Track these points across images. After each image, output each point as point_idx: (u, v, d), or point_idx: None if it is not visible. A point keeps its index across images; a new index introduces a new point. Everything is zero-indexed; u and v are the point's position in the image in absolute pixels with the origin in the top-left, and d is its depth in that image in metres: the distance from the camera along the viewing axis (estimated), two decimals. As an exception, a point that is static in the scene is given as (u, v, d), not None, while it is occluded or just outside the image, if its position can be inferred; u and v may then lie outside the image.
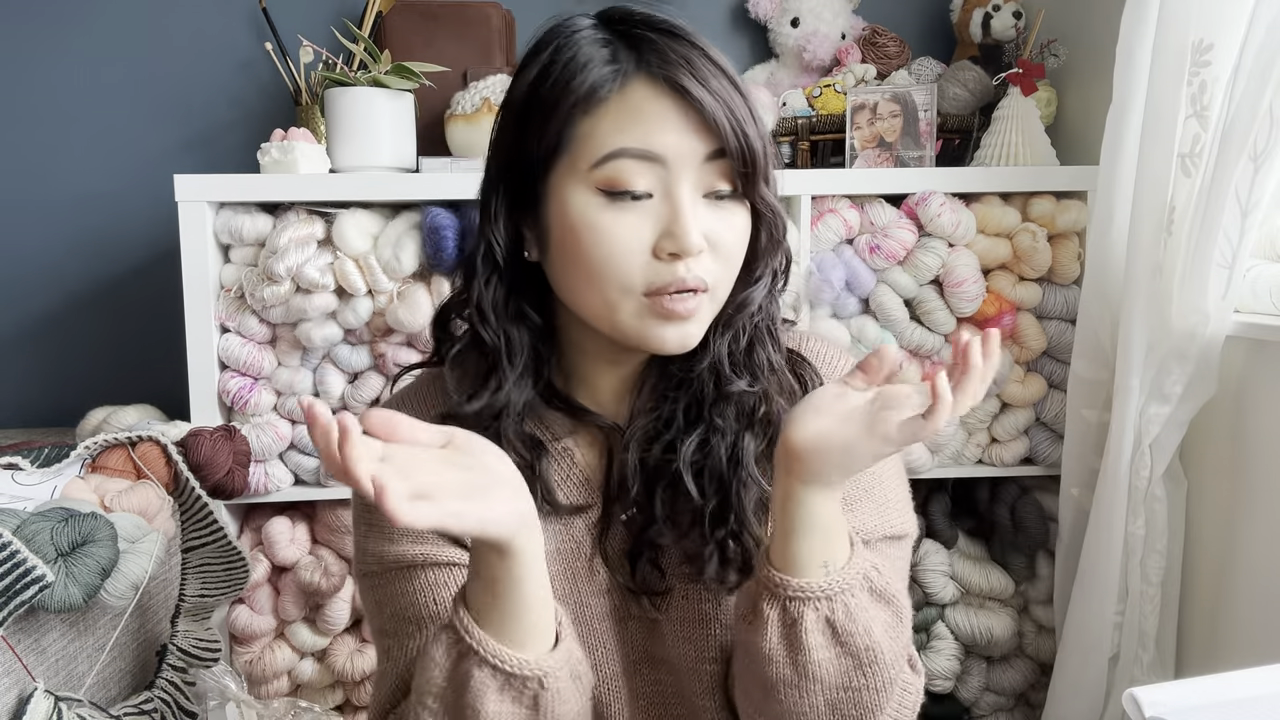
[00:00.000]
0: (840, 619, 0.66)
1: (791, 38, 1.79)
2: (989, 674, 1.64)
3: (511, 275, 0.74)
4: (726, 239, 0.70)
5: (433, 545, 0.75)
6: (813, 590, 0.65)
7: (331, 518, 1.54)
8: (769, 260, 0.75)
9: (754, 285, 0.75)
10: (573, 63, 0.68)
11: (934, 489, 1.68)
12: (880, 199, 1.52)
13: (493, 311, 0.74)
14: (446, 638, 0.64)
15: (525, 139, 0.70)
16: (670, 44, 0.68)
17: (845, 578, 0.66)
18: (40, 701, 0.99)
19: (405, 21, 1.68)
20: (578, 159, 0.68)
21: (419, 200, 1.45)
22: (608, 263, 0.67)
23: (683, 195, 0.67)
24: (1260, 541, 1.22)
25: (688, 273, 0.68)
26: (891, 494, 0.80)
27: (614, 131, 0.67)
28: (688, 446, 0.75)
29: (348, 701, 1.61)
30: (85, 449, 1.24)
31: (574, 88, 0.67)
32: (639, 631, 0.79)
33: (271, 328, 1.47)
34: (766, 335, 0.77)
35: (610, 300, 0.69)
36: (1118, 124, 1.34)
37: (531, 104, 0.70)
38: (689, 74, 0.66)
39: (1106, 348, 1.40)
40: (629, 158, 0.66)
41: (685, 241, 0.67)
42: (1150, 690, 0.62)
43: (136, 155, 1.82)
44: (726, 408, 0.75)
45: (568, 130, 0.68)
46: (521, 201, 0.72)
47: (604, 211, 0.67)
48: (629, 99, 0.67)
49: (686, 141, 0.67)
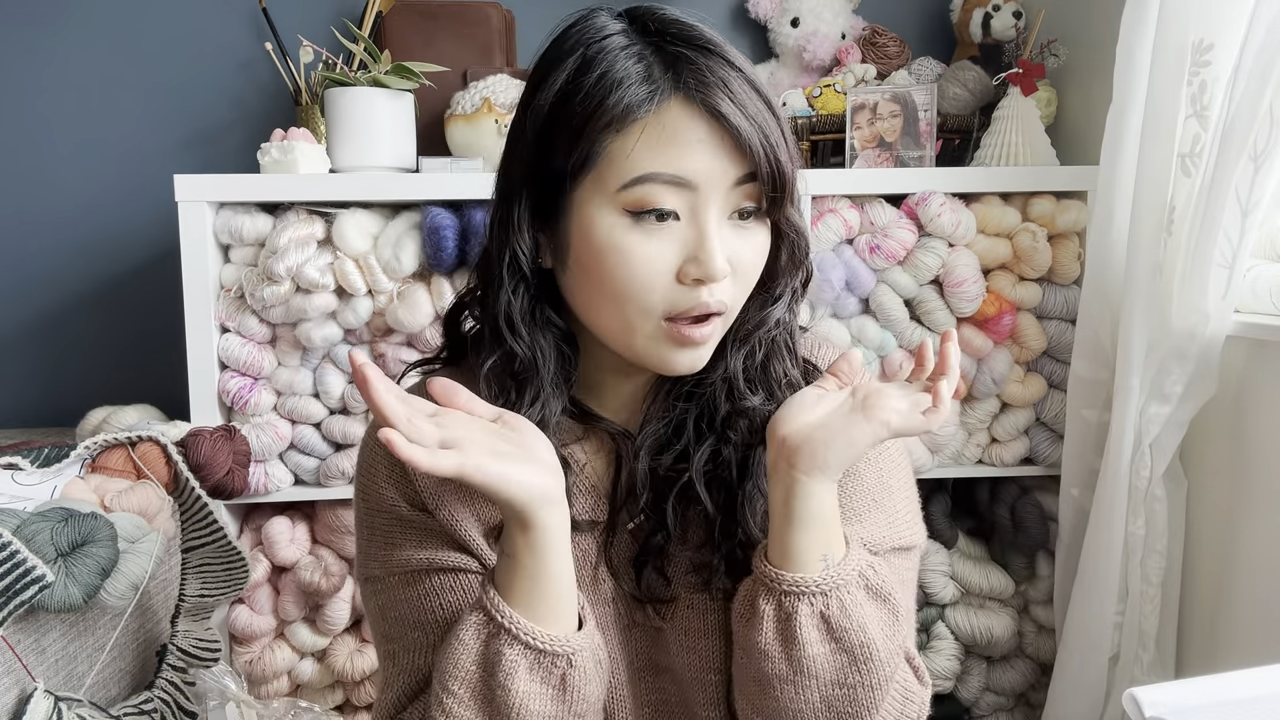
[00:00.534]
0: (835, 614, 0.66)
1: (791, 38, 1.79)
2: (989, 674, 1.64)
3: (537, 284, 0.73)
4: (747, 260, 0.69)
5: (436, 550, 0.75)
6: (808, 585, 0.66)
7: (331, 518, 1.54)
8: (789, 280, 0.75)
9: (774, 304, 0.74)
10: (606, 78, 0.65)
11: (934, 489, 1.68)
12: (880, 199, 1.52)
13: (523, 323, 0.72)
14: (476, 619, 0.65)
15: (552, 151, 0.68)
16: (708, 64, 0.66)
17: (841, 573, 0.67)
18: (40, 701, 0.99)
19: (405, 21, 1.68)
20: (606, 178, 0.66)
21: (419, 200, 1.45)
22: (629, 285, 0.66)
23: (709, 220, 0.66)
24: (1260, 541, 1.22)
25: (711, 297, 0.67)
26: (901, 504, 0.80)
27: (646, 154, 0.65)
28: (700, 456, 0.74)
29: (348, 701, 1.61)
30: (85, 449, 1.24)
31: (608, 106, 0.65)
32: (643, 640, 0.79)
33: (271, 328, 1.47)
34: (784, 350, 0.77)
35: (629, 322, 0.68)
36: (1118, 124, 1.34)
37: (560, 116, 0.67)
38: (727, 98, 0.65)
39: (1106, 348, 1.40)
40: (659, 183, 0.65)
41: (711, 267, 0.66)
42: (1150, 690, 0.62)
43: (136, 155, 1.82)
44: (739, 421, 0.75)
45: (598, 148, 0.66)
46: (542, 211, 0.70)
47: (630, 233, 0.66)
48: (663, 120, 0.65)
49: (719, 165, 0.66)
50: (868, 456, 0.78)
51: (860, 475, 0.78)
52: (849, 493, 0.77)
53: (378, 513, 0.77)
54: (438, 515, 0.75)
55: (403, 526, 0.76)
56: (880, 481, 0.79)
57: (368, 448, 0.80)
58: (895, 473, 0.80)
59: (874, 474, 0.79)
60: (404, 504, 0.76)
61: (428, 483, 0.75)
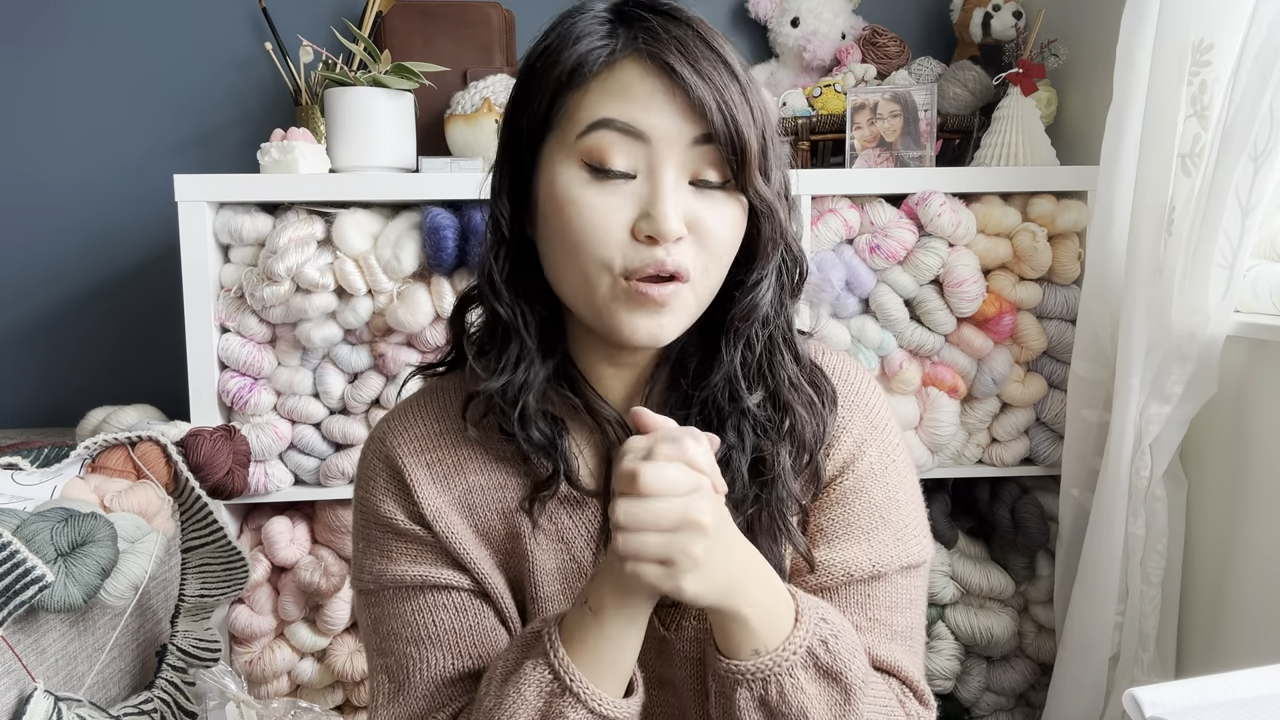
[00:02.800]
0: (774, 699, 0.65)
1: (791, 38, 1.79)
2: (989, 674, 1.64)
3: (517, 250, 0.73)
4: (711, 227, 0.68)
5: (429, 566, 0.75)
6: (745, 671, 0.65)
7: (331, 518, 1.54)
8: (768, 260, 0.72)
9: (755, 289, 0.72)
10: (568, 35, 0.68)
11: (934, 489, 1.68)
12: (880, 199, 1.52)
13: (505, 285, 0.73)
14: (540, 675, 0.64)
15: (521, 113, 0.70)
16: (665, 24, 0.67)
17: (780, 659, 0.64)
18: (40, 701, 0.99)
19: (405, 21, 1.68)
20: (565, 132, 0.68)
21: (419, 200, 1.45)
22: (585, 237, 0.66)
23: (665, 177, 0.66)
24: (1260, 541, 1.22)
25: (667, 256, 0.66)
26: (909, 519, 0.78)
27: (600, 104, 0.66)
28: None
29: (347, 701, 1.61)
30: (85, 449, 1.24)
31: (564, 59, 0.67)
32: (647, 652, 0.78)
33: (271, 328, 1.47)
34: (783, 346, 0.75)
35: (589, 277, 0.67)
36: (1118, 124, 1.34)
37: (529, 78, 0.70)
38: (679, 54, 0.66)
39: (1106, 348, 1.40)
40: (613, 130, 0.66)
41: (662, 225, 0.65)
42: (1150, 690, 0.62)
43: (136, 155, 1.82)
44: (743, 422, 0.74)
45: (557, 102, 0.68)
46: (519, 176, 0.72)
47: (586, 187, 0.67)
48: (618, 75, 0.66)
49: (672, 123, 0.66)
50: (874, 471, 0.78)
51: (867, 492, 0.77)
52: (856, 511, 0.76)
53: (374, 524, 0.77)
54: (435, 528, 0.75)
55: (398, 539, 0.76)
56: (888, 497, 0.77)
57: (367, 459, 0.80)
58: (902, 486, 0.79)
59: (881, 490, 0.77)
60: (401, 516, 0.76)
61: (427, 495, 0.75)
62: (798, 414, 0.74)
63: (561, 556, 0.77)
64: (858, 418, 0.79)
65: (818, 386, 0.77)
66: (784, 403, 0.74)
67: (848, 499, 0.77)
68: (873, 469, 0.78)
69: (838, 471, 0.77)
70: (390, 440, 0.78)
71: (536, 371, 0.73)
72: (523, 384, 0.72)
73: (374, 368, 1.49)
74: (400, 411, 0.80)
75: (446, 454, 0.77)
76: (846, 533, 0.76)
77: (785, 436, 0.74)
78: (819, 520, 0.77)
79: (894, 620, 0.76)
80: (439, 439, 0.77)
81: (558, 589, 0.77)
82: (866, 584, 0.75)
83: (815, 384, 0.77)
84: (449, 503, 0.75)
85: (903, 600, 0.77)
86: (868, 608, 0.75)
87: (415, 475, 0.76)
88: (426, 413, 0.79)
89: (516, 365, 0.73)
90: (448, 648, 0.74)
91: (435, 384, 0.82)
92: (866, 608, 0.75)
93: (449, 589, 0.75)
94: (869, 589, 0.75)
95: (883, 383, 1.54)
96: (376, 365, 1.48)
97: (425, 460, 0.76)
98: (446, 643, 0.74)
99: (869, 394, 0.81)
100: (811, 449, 0.75)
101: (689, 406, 0.75)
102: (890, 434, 0.80)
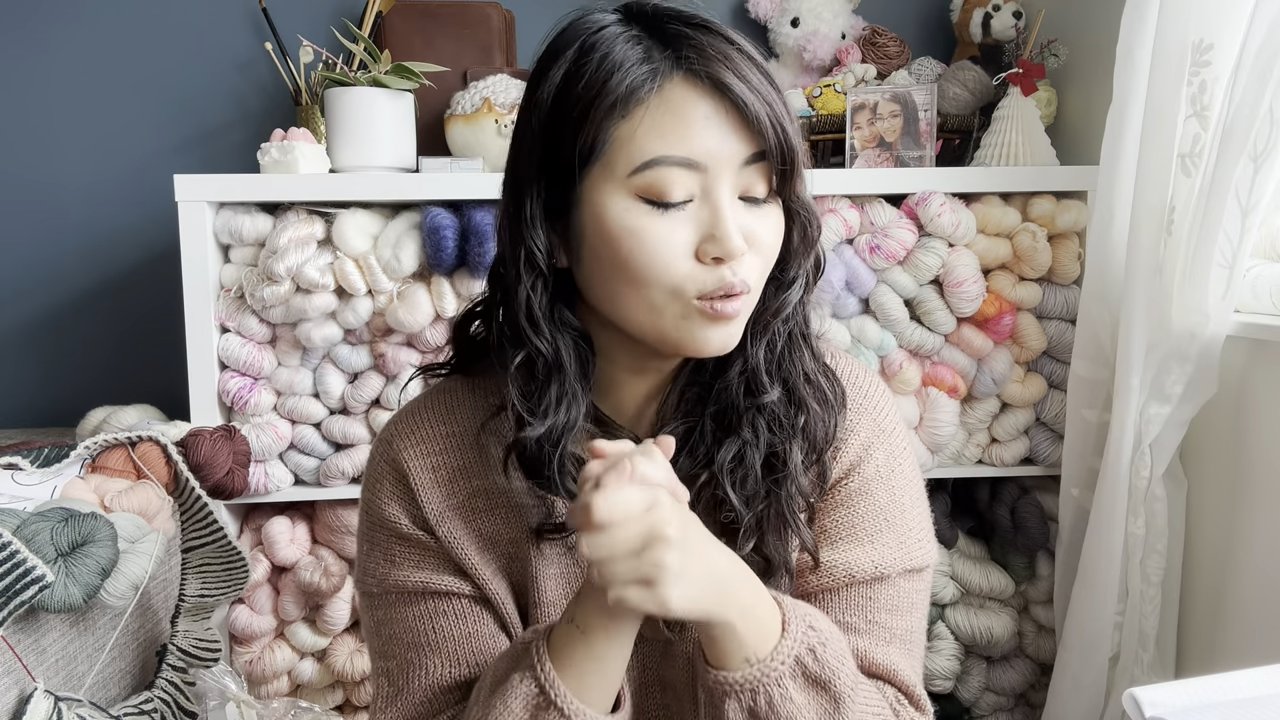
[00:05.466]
0: (763, 710, 0.65)
1: (791, 38, 1.79)
2: (989, 674, 1.64)
3: (554, 282, 0.72)
4: (763, 238, 0.68)
5: (432, 572, 0.75)
6: (734, 683, 0.64)
7: (331, 518, 1.54)
8: (802, 261, 0.73)
9: (789, 288, 0.73)
10: (606, 61, 0.65)
11: (934, 489, 1.68)
12: (880, 199, 1.52)
13: (545, 320, 0.70)
14: (527, 689, 0.64)
15: (558, 143, 0.67)
16: (708, 40, 0.65)
17: (767, 670, 0.64)
18: (40, 701, 0.99)
19: (405, 21, 1.68)
20: (615, 164, 0.65)
21: (419, 200, 1.45)
22: (651, 268, 0.65)
23: (722, 198, 0.66)
24: (1260, 541, 1.22)
25: (734, 276, 0.66)
26: (914, 522, 0.78)
27: (653, 136, 0.64)
28: (724, 457, 0.73)
29: (348, 701, 1.61)
30: (85, 449, 1.24)
31: (610, 89, 0.64)
32: (651, 654, 0.78)
33: (271, 328, 1.47)
34: (800, 342, 0.76)
35: (656, 305, 0.67)
36: (1118, 124, 1.34)
37: (563, 107, 0.66)
38: (730, 71, 0.64)
39: (1106, 348, 1.40)
40: (669, 165, 0.64)
41: (729, 245, 0.65)
42: (1150, 690, 0.62)
43: (136, 155, 1.82)
44: (759, 418, 0.73)
45: (604, 134, 0.65)
46: (553, 206, 0.69)
47: (643, 216, 0.65)
48: (667, 100, 0.64)
49: (727, 144, 0.65)
50: (880, 474, 0.77)
51: (872, 494, 0.77)
52: (860, 513, 0.76)
53: (378, 527, 0.77)
54: (438, 532, 0.75)
55: (402, 544, 0.76)
56: (893, 499, 0.77)
57: (374, 461, 0.80)
58: (908, 489, 0.79)
59: (886, 492, 0.77)
60: (405, 521, 0.76)
61: (431, 500, 0.75)
62: (812, 410, 0.74)
63: (564, 561, 0.77)
64: (865, 421, 0.79)
65: (829, 384, 0.77)
66: (799, 399, 0.74)
67: (853, 501, 0.77)
68: (879, 472, 0.78)
69: (844, 473, 0.77)
70: (397, 444, 0.78)
71: (577, 413, 0.71)
72: (564, 426, 0.71)
73: (374, 368, 1.49)
74: (408, 414, 0.80)
75: (453, 457, 0.77)
76: (850, 534, 0.76)
77: (799, 433, 0.74)
78: (823, 521, 0.77)
79: (894, 623, 0.76)
80: (446, 441, 0.77)
81: (561, 593, 0.77)
82: (868, 586, 0.75)
83: (827, 381, 0.77)
84: (453, 507, 0.75)
85: (904, 604, 0.77)
86: (868, 610, 0.75)
87: (420, 479, 0.76)
88: (434, 415, 0.78)
89: (558, 406, 0.71)
90: (447, 655, 0.74)
91: (442, 385, 0.81)
92: (867, 610, 0.75)
93: (450, 595, 0.75)
94: (871, 591, 0.75)
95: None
96: (377, 365, 1.48)
97: (431, 464, 0.76)
98: (445, 650, 0.74)
99: (877, 397, 0.81)
100: (820, 447, 0.75)
101: (704, 406, 0.74)
102: (897, 438, 0.80)
